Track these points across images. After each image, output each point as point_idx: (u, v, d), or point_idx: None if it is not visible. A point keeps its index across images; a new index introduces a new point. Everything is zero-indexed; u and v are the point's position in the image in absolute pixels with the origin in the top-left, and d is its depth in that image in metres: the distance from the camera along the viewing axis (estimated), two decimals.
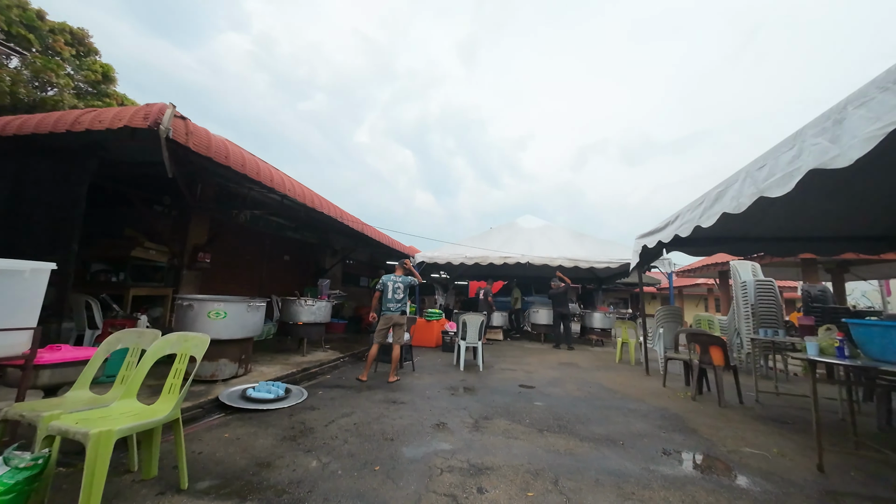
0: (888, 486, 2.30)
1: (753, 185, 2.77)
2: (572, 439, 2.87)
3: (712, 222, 3.45)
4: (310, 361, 5.32)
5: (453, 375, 5.18)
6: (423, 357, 6.63)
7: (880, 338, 2.52)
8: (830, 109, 2.06)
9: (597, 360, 6.97)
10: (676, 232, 4.25)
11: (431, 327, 7.93)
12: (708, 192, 3.57)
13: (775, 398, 4.43)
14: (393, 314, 4.68)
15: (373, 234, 7.39)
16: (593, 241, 10.30)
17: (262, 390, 3.57)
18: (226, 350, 3.93)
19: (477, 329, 5.65)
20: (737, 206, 2.99)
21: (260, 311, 4.33)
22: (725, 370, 4.16)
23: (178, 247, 5.60)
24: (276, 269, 8.31)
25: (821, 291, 6.65)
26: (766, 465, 2.53)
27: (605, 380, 5.27)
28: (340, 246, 10.28)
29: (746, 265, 6.79)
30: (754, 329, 5.97)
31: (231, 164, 3.44)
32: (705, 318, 7.24)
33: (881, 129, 1.73)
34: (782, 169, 2.43)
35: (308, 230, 9.03)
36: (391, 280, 4.77)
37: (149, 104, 2.94)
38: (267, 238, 7.87)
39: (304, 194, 4.83)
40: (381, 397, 3.89)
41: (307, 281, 9.38)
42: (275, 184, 4.16)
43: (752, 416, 3.69)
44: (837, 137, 2.00)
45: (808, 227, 5.11)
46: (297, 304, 5.70)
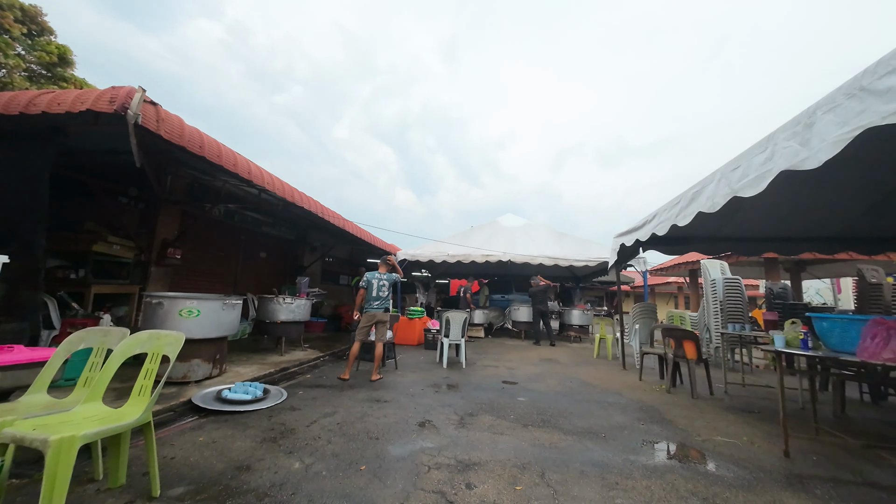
0: (845, 468, 2.47)
1: (728, 186, 2.89)
2: (556, 433, 2.92)
3: (688, 221, 3.58)
4: (288, 361, 5.16)
5: (437, 373, 5.16)
6: (405, 355, 6.57)
7: (839, 331, 2.70)
8: (801, 114, 2.18)
9: (576, 356, 7.14)
10: (654, 230, 4.40)
11: (413, 325, 7.88)
12: (684, 193, 3.71)
13: (742, 389, 4.68)
14: (376, 311, 4.60)
15: (354, 231, 7.25)
16: (572, 240, 10.53)
17: (239, 391, 3.43)
18: (199, 350, 3.74)
19: (460, 326, 5.66)
20: (711, 206, 3.11)
21: (236, 309, 4.15)
22: (698, 363, 4.35)
23: (145, 242, 5.29)
24: (251, 266, 8.00)
25: (782, 289, 7.07)
26: (738, 453, 2.66)
27: (585, 375, 5.39)
28: (320, 243, 10.04)
29: (716, 264, 7.12)
30: (723, 324, 6.28)
31: (206, 155, 3.27)
32: (677, 315, 7.55)
33: (848, 132, 1.83)
34: (755, 170, 2.55)
35: (286, 226, 8.77)
36: (375, 277, 4.69)
37: (115, 87, 2.74)
38: (242, 234, 7.57)
39: (283, 188, 4.66)
40: (364, 396, 3.82)
41: (285, 279, 9.09)
42: (252, 176, 3.99)
43: (722, 407, 3.87)
44: (807, 141, 2.11)
45: (772, 228, 5.42)
46: (275, 302, 5.51)
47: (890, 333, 2.31)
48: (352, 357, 4.55)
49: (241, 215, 7.35)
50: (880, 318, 2.40)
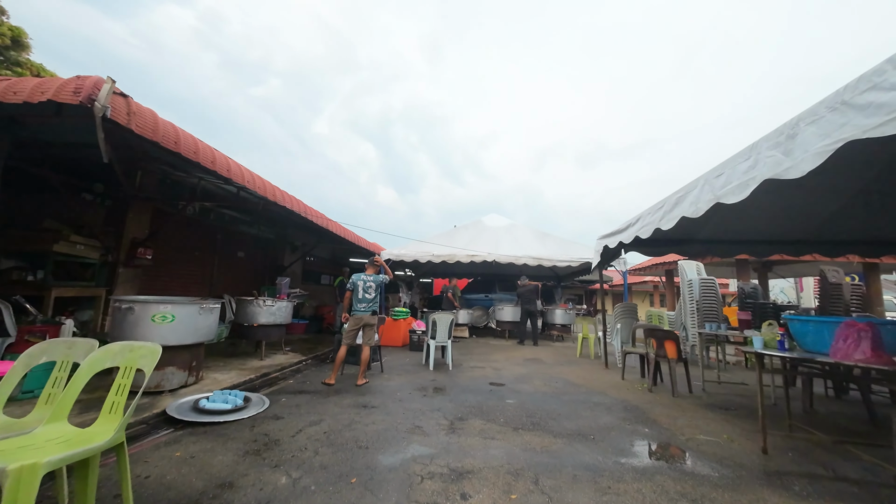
0: (819, 463, 2.59)
1: (711, 192, 2.97)
2: (546, 436, 2.93)
3: (672, 225, 3.67)
4: (269, 366, 4.97)
5: (423, 375, 5.11)
6: (390, 357, 6.48)
7: (813, 332, 2.83)
8: (784, 125, 2.25)
9: (559, 356, 7.24)
10: (637, 233, 4.49)
11: (398, 326, 7.78)
12: (668, 197, 3.80)
13: (718, 386, 4.86)
14: (363, 314, 4.50)
15: (337, 231, 7.08)
16: (555, 240, 10.69)
17: (218, 400, 3.27)
18: (174, 357, 3.54)
19: (447, 328, 5.62)
20: (695, 211, 3.20)
21: (214, 313, 3.96)
22: (678, 363, 4.49)
23: (112, 241, 4.96)
24: (228, 266, 7.69)
25: (753, 289, 7.41)
26: (720, 451, 2.74)
27: (570, 374, 5.47)
28: (301, 242, 9.76)
29: (692, 265, 7.39)
30: (699, 323, 6.53)
31: (182, 151, 3.08)
32: (655, 314, 7.79)
33: (830, 145, 1.91)
34: (739, 178, 2.63)
35: (265, 225, 8.47)
36: (361, 279, 4.58)
37: (80, 76, 2.53)
38: (219, 232, 7.25)
39: (263, 187, 4.48)
40: (350, 402, 3.72)
41: (264, 279, 8.79)
42: (232, 174, 3.80)
43: (701, 405, 4.00)
44: (790, 151, 2.18)
45: (745, 231, 5.66)
46: (255, 304, 5.30)
47: (861, 335, 2.44)
48: (338, 361, 4.44)
49: (218, 213, 7.03)
50: (851, 320, 2.53)
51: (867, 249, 5.93)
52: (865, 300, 7.98)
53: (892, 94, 1.61)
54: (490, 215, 12.16)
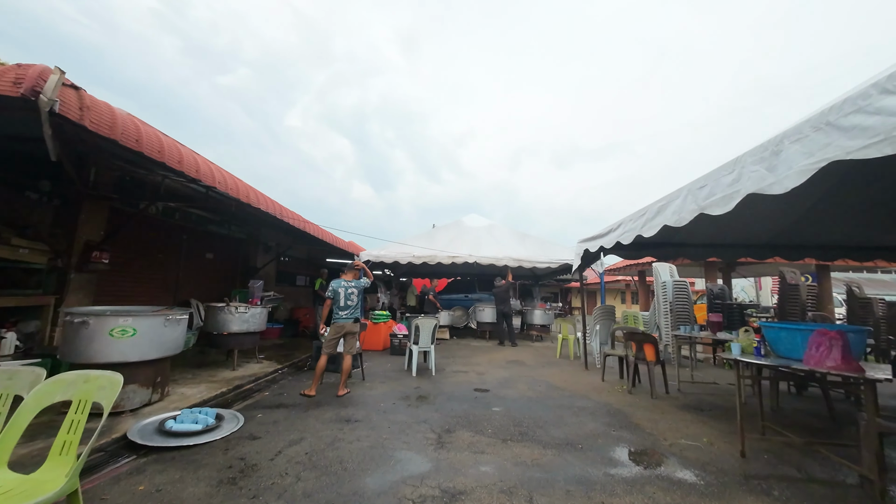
0: (793, 465, 2.71)
1: (695, 203, 3.04)
2: (536, 447, 2.90)
3: (654, 233, 3.75)
4: (243, 377, 4.70)
5: (406, 382, 4.99)
6: (371, 362, 6.31)
7: (787, 339, 2.96)
8: (769, 141, 2.31)
9: (540, 357, 7.32)
10: (619, 239, 4.57)
11: (378, 330, 7.61)
12: (649, 206, 3.87)
13: (692, 386, 5.05)
14: (345, 322, 4.33)
15: (315, 233, 6.80)
16: (534, 240, 10.81)
17: (187, 420, 3.02)
18: (135, 374, 3.25)
19: (430, 333, 5.53)
20: (678, 220, 3.26)
21: (181, 324, 3.67)
22: (656, 364, 4.62)
23: (62, 244, 4.50)
24: (196, 268, 7.22)
25: (720, 290, 7.78)
26: (702, 456, 2.82)
27: (552, 377, 5.52)
28: (275, 242, 9.34)
29: (665, 267, 7.66)
30: (673, 325, 6.79)
31: (144, 150, 2.80)
32: (631, 315, 8.04)
33: (814, 164, 1.96)
34: (723, 190, 2.69)
35: (236, 224, 8.03)
36: (342, 286, 4.40)
37: (22, 65, 2.22)
38: (185, 233, 6.78)
39: (236, 187, 4.19)
40: (332, 415, 3.56)
41: (235, 282, 8.34)
42: (201, 174, 3.52)
43: (678, 406, 4.13)
44: (774, 167, 2.24)
45: (716, 235, 5.90)
46: (226, 311, 4.99)
47: (832, 343, 2.56)
48: (318, 372, 4.25)
49: (184, 212, 6.58)
50: (823, 328, 2.65)
51: (822, 253, 6.35)
52: (819, 299, 8.57)
53: (877, 118, 1.66)
54: (470, 215, 12.14)
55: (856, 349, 2.66)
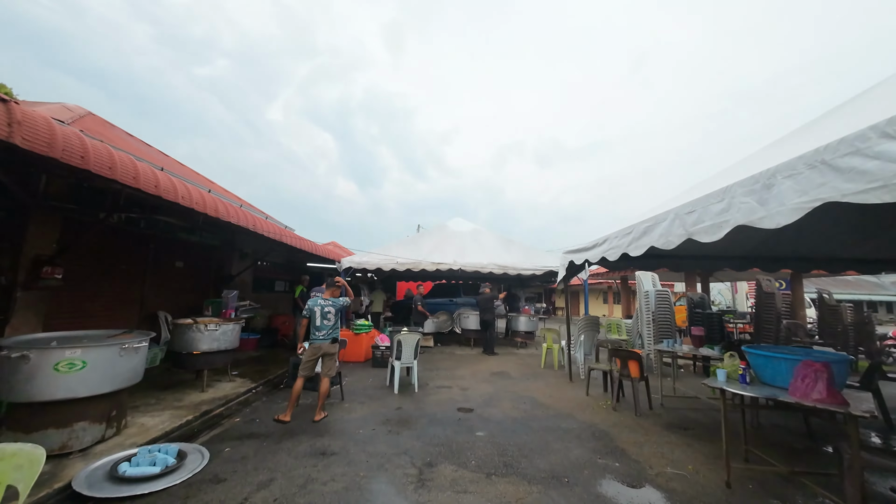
0: (776, 495, 2.69)
1: (682, 228, 2.98)
2: (521, 483, 2.79)
3: (640, 253, 3.69)
4: (212, 399, 4.42)
5: (388, 402, 4.81)
6: (352, 377, 6.09)
7: (771, 367, 2.94)
8: (760, 174, 2.24)
9: (525, 367, 7.26)
10: (604, 254, 4.52)
11: (360, 341, 7.38)
12: (635, 225, 3.82)
13: (675, 400, 5.06)
14: (322, 343, 4.11)
15: (293, 243, 6.50)
16: (519, 247, 10.77)
17: (143, 461, 2.76)
18: (85, 410, 2.96)
19: (413, 348, 5.36)
20: (666, 243, 3.20)
21: (140, 352, 3.38)
22: (640, 381, 4.60)
23: (6, 260, 4.11)
24: (164, 279, 6.81)
25: (700, 298, 7.92)
26: (689, 488, 2.76)
27: (537, 391, 5.45)
28: (251, 249, 8.95)
29: (648, 276, 7.73)
30: (655, 335, 6.84)
31: (92, 167, 2.51)
32: (614, 323, 8.08)
33: (808, 202, 1.90)
34: (712, 218, 2.62)
35: (208, 231, 7.61)
36: (319, 305, 4.17)
37: None
38: (152, 241, 6.37)
39: (202, 200, 3.89)
40: (306, 447, 3.35)
41: (208, 291, 7.94)
42: (161, 190, 3.23)
43: (662, 425, 4.11)
44: (765, 201, 2.18)
45: (699, 248, 5.94)
46: (194, 329, 4.68)
47: (817, 375, 2.53)
48: (294, 396, 4.02)
49: (150, 220, 6.16)
50: (809, 360, 2.63)
51: (799, 265, 6.51)
52: (792, 306, 8.83)
53: (876, 163, 1.60)
54: (455, 220, 12.02)
55: (839, 379, 2.66)
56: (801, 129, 3.31)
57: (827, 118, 3.04)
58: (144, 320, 6.29)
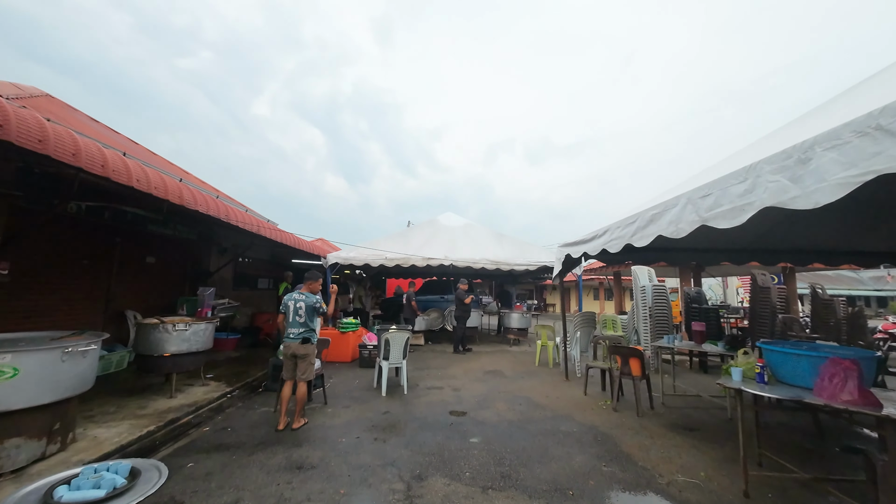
0: None
1: (695, 213, 2.71)
2: (521, 498, 2.50)
3: (646, 243, 3.43)
4: (180, 406, 4.03)
5: (375, 404, 4.48)
6: (337, 378, 5.74)
7: (790, 364, 2.70)
8: (793, 147, 1.97)
9: (519, 365, 7.00)
10: (605, 246, 4.25)
11: (347, 340, 7.02)
12: (640, 213, 3.55)
13: (676, 399, 4.85)
14: (292, 343, 3.74)
15: (272, 236, 6.09)
16: (512, 241, 10.51)
17: (85, 484, 2.36)
18: (19, 425, 2.56)
19: (401, 348, 5.03)
20: (676, 231, 2.94)
21: (89, 356, 2.97)
22: (641, 379, 4.36)
23: None
24: (134, 275, 6.33)
25: (697, 293, 7.76)
26: (704, 498, 2.52)
27: (532, 391, 5.18)
28: (230, 243, 8.48)
29: (644, 270, 7.53)
30: (652, 333, 6.64)
31: (51, 152, 2.12)
32: (610, 319, 7.88)
33: (857, 176, 1.63)
34: (731, 201, 2.36)
35: (184, 224, 7.14)
36: (292, 299, 3.80)
37: None
38: (118, 234, 5.89)
39: (164, 186, 3.48)
40: (281, 459, 3.00)
41: (184, 288, 7.47)
42: (109, 170, 2.83)
43: (666, 425, 3.88)
44: (800, 178, 1.91)
45: (699, 240, 5.75)
46: (161, 330, 4.27)
47: (847, 374, 2.30)
48: (283, 401, 3.69)
49: (116, 211, 5.68)
50: (837, 357, 2.39)
51: (796, 258, 6.38)
52: (787, 301, 8.75)
53: None
54: (446, 214, 11.68)
55: (868, 377, 2.43)
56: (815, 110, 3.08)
57: (850, 94, 2.80)
58: (111, 320, 5.83)
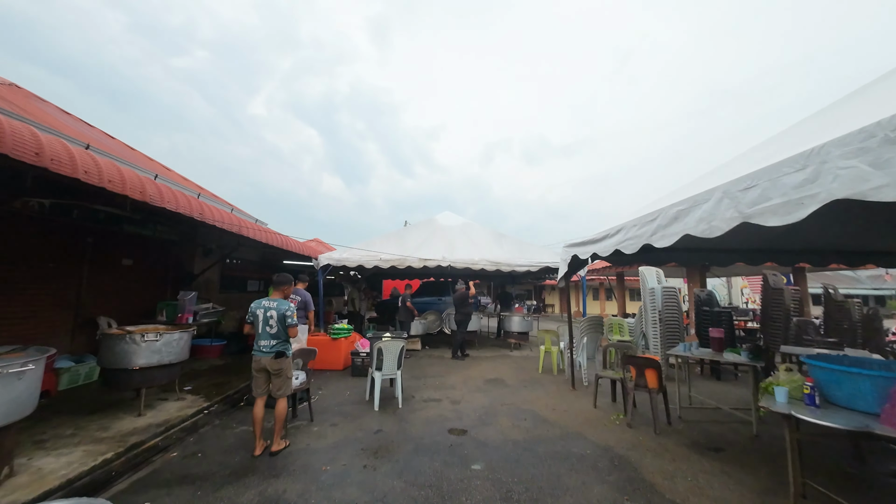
0: None
1: (735, 209, 2.33)
2: None
3: (670, 243, 3.05)
4: (148, 427, 3.60)
5: (366, 422, 4.08)
6: (327, 389, 5.33)
7: (846, 384, 2.32)
8: (874, 125, 1.59)
9: (521, 372, 6.62)
10: (618, 247, 3.87)
11: (338, 347, 6.60)
12: (662, 210, 3.16)
13: (693, 411, 4.48)
14: (263, 357, 3.31)
15: (258, 237, 5.66)
16: (512, 241, 10.12)
17: None
18: None
19: (395, 357, 4.63)
20: (708, 230, 2.56)
21: (26, 377, 2.54)
22: (658, 392, 3.99)
23: None
24: (108, 278, 5.89)
25: (707, 295, 7.41)
26: None
27: (537, 403, 4.80)
28: (216, 244, 8.04)
29: (652, 271, 7.16)
30: (662, 335, 6.27)
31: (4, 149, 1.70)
32: (616, 322, 7.51)
33: None
34: (784, 194, 1.97)
35: (163, 223, 6.70)
36: (261, 307, 3.37)
37: None
38: (89, 234, 5.45)
39: (121, 179, 3.05)
40: (252, 497, 2.58)
41: (166, 292, 7.03)
42: (44, 159, 2.41)
43: (689, 445, 3.50)
44: (887, 162, 1.53)
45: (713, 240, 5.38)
46: (128, 341, 3.84)
47: None
48: (256, 423, 3.26)
49: (86, 210, 5.24)
50: None
51: (816, 258, 6.03)
52: (801, 304, 8.41)
53: None
54: (444, 213, 11.28)
55: None
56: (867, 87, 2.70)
57: None
58: (81, 327, 5.39)
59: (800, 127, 2.93)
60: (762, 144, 3.26)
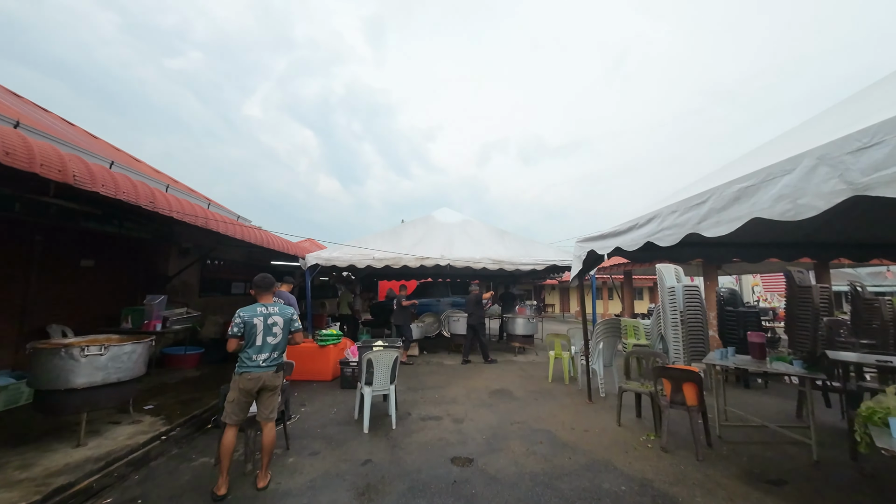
0: None
1: (840, 178, 1.73)
2: None
3: (728, 230, 2.46)
4: (84, 462, 2.94)
5: (353, 448, 3.44)
6: (311, 405, 4.69)
7: None
8: None
9: (529, 381, 6.00)
10: (651, 239, 3.26)
11: (326, 355, 5.95)
12: (715, 189, 2.56)
13: (732, 430, 3.87)
14: (264, 372, 2.69)
15: (233, 233, 4.98)
16: (514, 238, 9.50)
17: None
18: None
19: (388, 370, 3.98)
20: (794, 210, 1.94)
21: None
22: (698, 410, 3.37)
23: None
24: (63, 281, 5.22)
25: (731, 294, 6.83)
26: None
27: (552, 421, 4.17)
28: (194, 243, 7.36)
29: (670, 269, 6.56)
30: (685, 341, 5.67)
31: None
32: (631, 324, 6.92)
33: None
34: None
35: (130, 220, 6.01)
36: (260, 315, 2.74)
37: None
38: (37, 232, 4.79)
39: (61, 164, 2.41)
40: None
41: (135, 297, 6.35)
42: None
43: (741, 476, 2.90)
44: None
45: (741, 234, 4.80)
46: (65, 356, 3.18)
47: None
48: (224, 456, 2.59)
49: (33, 203, 4.57)
50: None
51: (819, 252, 5.51)
52: (831, 303, 7.83)
53: None
54: (442, 210, 10.64)
55: None
56: None
57: None
58: (28, 337, 4.69)
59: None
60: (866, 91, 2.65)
